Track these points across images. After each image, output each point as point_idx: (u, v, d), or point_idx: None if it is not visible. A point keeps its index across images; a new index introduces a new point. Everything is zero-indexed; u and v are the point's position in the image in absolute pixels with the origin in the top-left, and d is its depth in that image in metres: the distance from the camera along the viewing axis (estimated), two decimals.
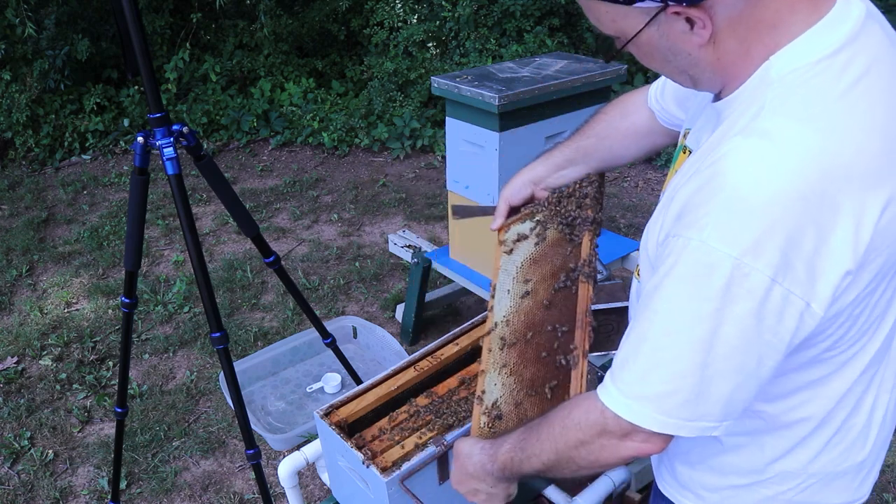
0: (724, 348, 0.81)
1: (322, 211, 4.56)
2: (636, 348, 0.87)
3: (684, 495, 1.13)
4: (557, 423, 0.99)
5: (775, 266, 0.76)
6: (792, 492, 1.05)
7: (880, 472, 2.47)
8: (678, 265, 0.81)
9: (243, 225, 1.95)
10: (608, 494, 1.77)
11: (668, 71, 0.94)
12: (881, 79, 0.83)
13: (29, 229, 4.35)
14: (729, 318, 0.79)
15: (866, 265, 0.81)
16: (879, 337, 0.95)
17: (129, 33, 1.56)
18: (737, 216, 0.77)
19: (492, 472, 1.10)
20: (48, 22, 5.28)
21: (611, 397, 0.90)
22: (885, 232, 0.80)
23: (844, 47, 0.82)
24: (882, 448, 1.11)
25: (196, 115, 5.54)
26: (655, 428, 0.87)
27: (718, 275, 0.78)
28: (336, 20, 6.27)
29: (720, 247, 0.77)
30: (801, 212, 0.76)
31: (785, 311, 0.79)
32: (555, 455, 0.99)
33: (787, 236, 0.76)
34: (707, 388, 0.83)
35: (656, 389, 0.85)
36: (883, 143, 0.80)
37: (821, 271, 0.78)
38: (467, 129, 2.58)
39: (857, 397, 1.00)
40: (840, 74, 0.81)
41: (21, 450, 2.72)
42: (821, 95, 0.80)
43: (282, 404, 2.86)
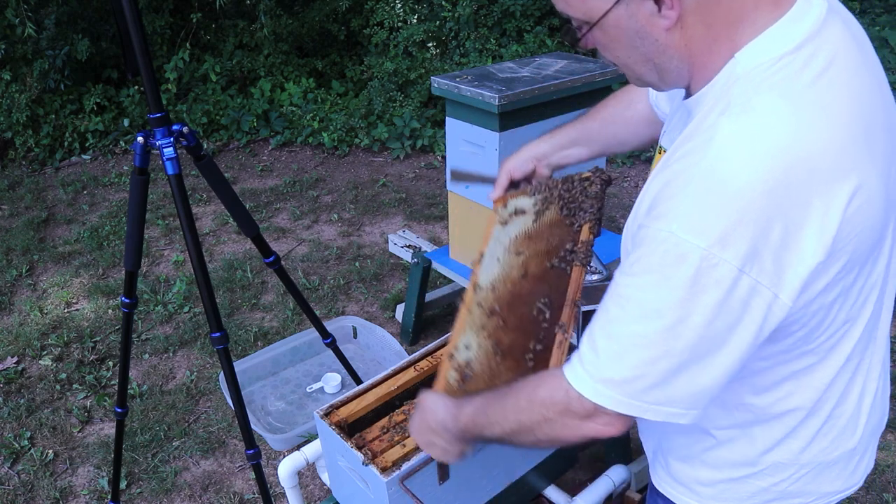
0: (692, 337, 0.82)
1: (322, 211, 4.56)
2: (605, 332, 0.89)
3: (680, 491, 1.14)
4: (524, 397, 1.00)
5: (743, 257, 0.78)
6: (785, 482, 1.06)
7: (880, 472, 2.47)
8: (648, 254, 0.83)
9: (243, 225, 1.95)
10: (608, 494, 1.77)
11: (634, 60, 0.94)
12: (843, 72, 0.85)
13: (29, 229, 4.35)
14: (697, 307, 0.81)
15: (835, 255, 0.83)
16: (860, 325, 0.96)
17: (129, 33, 1.56)
18: (705, 208, 0.79)
19: (452, 430, 1.12)
20: (48, 22, 5.28)
21: (578, 378, 0.91)
22: (852, 221, 0.82)
23: (807, 42, 0.84)
24: (873, 435, 1.12)
25: (196, 115, 5.54)
26: (621, 410, 0.89)
27: (687, 265, 0.79)
28: (336, 20, 6.27)
29: (689, 238, 0.79)
30: (769, 204, 0.78)
31: (752, 302, 0.81)
32: (517, 426, 1.01)
33: (754, 228, 0.78)
34: (674, 375, 0.85)
35: (623, 374, 0.87)
36: (846, 136, 0.82)
37: (788, 262, 0.80)
38: (467, 129, 2.58)
39: (844, 386, 1.01)
40: (803, 69, 0.83)
41: (21, 450, 2.72)
42: (785, 90, 0.82)
43: (282, 404, 2.86)
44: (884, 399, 1.13)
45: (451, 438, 1.14)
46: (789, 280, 0.81)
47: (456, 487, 1.50)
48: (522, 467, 1.67)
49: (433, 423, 1.15)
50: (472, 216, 2.69)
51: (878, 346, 1.04)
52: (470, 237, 2.78)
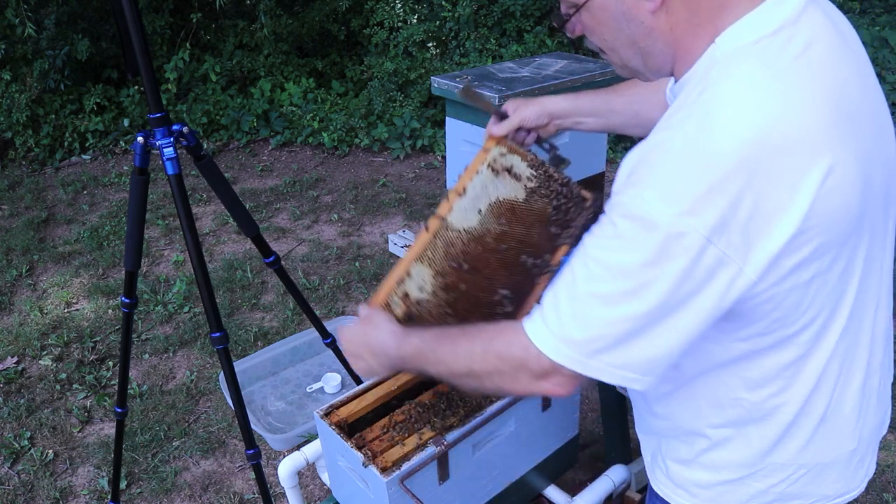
0: (654, 301, 0.84)
1: (322, 211, 4.56)
2: (569, 292, 0.90)
3: (678, 494, 1.14)
4: (479, 344, 1.01)
5: (711, 227, 0.80)
6: (783, 484, 1.05)
7: (881, 472, 2.47)
8: (619, 218, 0.85)
9: (243, 225, 1.95)
10: (608, 494, 1.77)
11: (620, 43, 0.96)
12: (821, 56, 0.87)
13: (29, 229, 4.35)
14: (662, 272, 0.82)
15: (806, 233, 0.84)
16: (842, 316, 0.96)
17: (129, 33, 1.56)
18: (677, 177, 0.81)
19: (390, 355, 1.13)
20: (48, 22, 5.28)
21: (538, 335, 0.92)
22: (825, 200, 0.83)
23: (784, 27, 0.86)
24: (872, 437, 1.11)
25: (196, 115, 5.54)
26: (578, 370, 0.90)
27: (656, 231, 0.81)
28: (336, 20, 6.27)
29: (659, 205, 0.81)
30: (740, 178, 0.80)
31: (718, 273, 0.82)
32: (466, 371, 1.02)
33: (724, 200, 0.79)
34: (633, 338, 0.86)
35: (585, 333, 0.88)
36: (822, 116, 0.84)
37: (757, 237, 0.81)
38: (467, 129, 2.58)
39: (836, 383, 1.01)
40: (780, 50, 0.85)
41: (21, 450, 2.72)
42: (760, 70, 0.84)
43: (282, 404, 2.86)
44: (883, 400, 1.13)
45: (385, 362, 1.14)
46: (756, 255, 0.82)
47: (456, 487, 1.50)
48: (522, 467, 1.67)
49: (374, 342, 1.15)
50: None
51: (875, 345, 1.04)
52: None
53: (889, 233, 1.02)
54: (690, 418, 1.07)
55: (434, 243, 1.32)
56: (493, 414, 1.49)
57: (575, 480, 2.34)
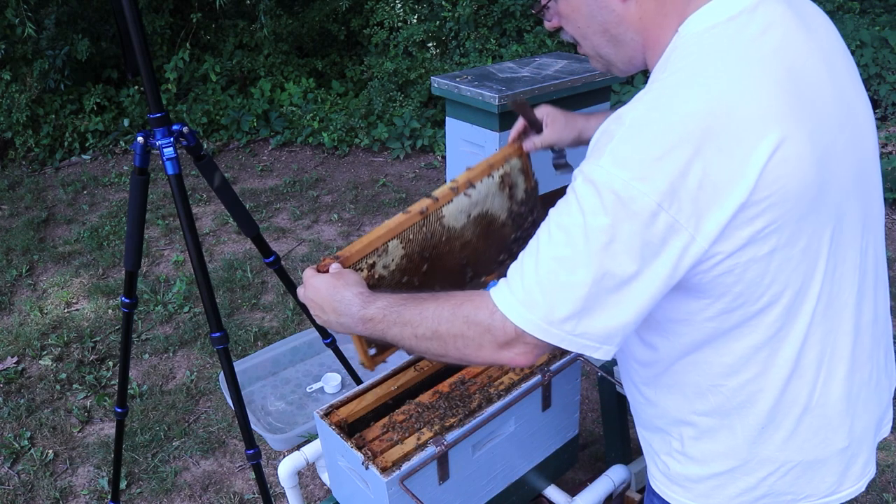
0: (610, 265, 0.88)
1: (322, 211, 4.56)
2: (532, 259, 0.93)
3: (674, 490, 1.15)
4: (447, 307, 1.02)
5: (662, 193, 0.84)
6: (772, 478, 1.06)
7: (881, 472, 2.46)
8: (578, 187, 0.90)
9: (243, 225, 1.95)
10: (608, 494, 1.77)
11: (592, 30, 1.03)
12: (775, 40, 0.92)
13: (29, 229, 4.35)
14: (618, 235, 0.86)
15: (758, 204, 0.87)
16: (810, 296, 0.97)
17: (129, 33, 1.56)
18: (630, 146, 0.87)
19: (354, 315, 1.12)
20: (48, 22, 5.28)
21: (503, 300, 0.95)
22: (776, 172, 0.86)
23: (742, 14, 0.92)
24: (867, 436, 1.11)
25: (196, 115, 5.53)
26: (540, 336, 0.92)
27: (610, 195, 0.86)
28: (336, 20, 6.26)
29: (613, 170, 0.86)
30: (688, 148, 0.84)
31: (670, 239, 0.86)
32: (431, 334, 1.03)
33: (673, 168, 0.84)
34: (592, 303, 0.90)
35: (547, 297, 0.91)
36: (771, 93, 0.88)
37: (706, 205, 0.85)
38: (467, 129, 2.57)
39: (816, 372, 1.01)
40: (734, 35, 0.91)
41: (21, 450, 2.72)
42: (712, 51, 0.91)
43: (282, 404, 2.86)
44: (879, 397, 1.12)
45: (346, 322, 1.14)
46: (707, 223, 0.86)
47: (456, 487, 1.50)
48: (522, 467, 1.67)
49: (340, 298, 1.14)
50: None
51: (860, 336, 1.04)
52: None
53: (871, 223, 1.04)
54: (676, 405, 1.10)
55: (419, 227, 1.32)
56: (493, 414, 1.49)
57: (575, 480, 2.34)
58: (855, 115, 1.00)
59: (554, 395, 1.64)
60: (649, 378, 1.12)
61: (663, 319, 1.02)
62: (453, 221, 1.36)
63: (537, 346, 0.95)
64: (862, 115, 1.02)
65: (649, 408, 1.16)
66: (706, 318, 0.97)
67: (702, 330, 0.99)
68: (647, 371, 1.11)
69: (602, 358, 0.94)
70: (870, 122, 1.04)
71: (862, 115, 1.02)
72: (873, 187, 1.05)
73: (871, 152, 1.03)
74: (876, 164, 1.06)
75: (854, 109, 1.00)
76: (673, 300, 0.97)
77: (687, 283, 0.94)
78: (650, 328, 1.05)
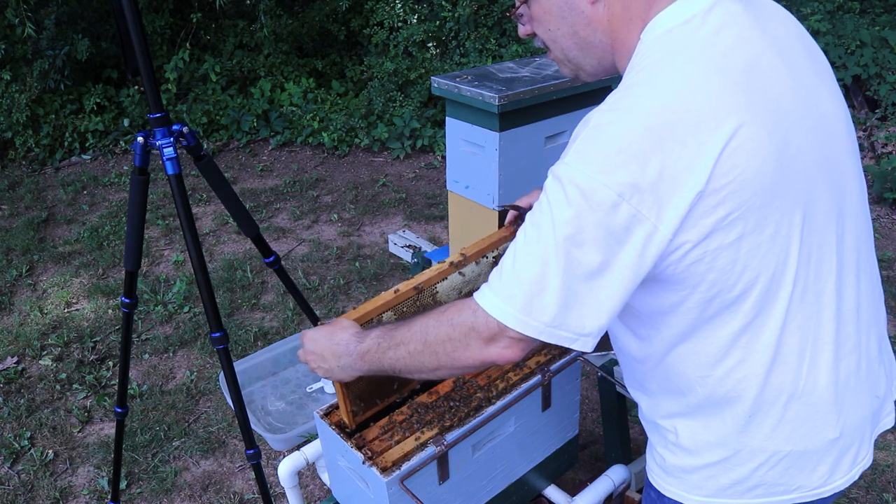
0: (578, 254, 0.92)
1: (322, 211, 4.56)
2: (510, 258, 0.98)
3: (668, 482, 1.18)
4: (432, 318, 1.08)
5: (622, 185, 0.89)
6: (763, 468, 1.08)
7: (881, 472, 2.46)
8: (547, 185, 0.96)
9: (243, 225, 1.95)
10: (608, 494, 1.77)
11: (563, 32, 1.08)
12: (730, 39, 0.97)
13: (29, 229, 4.35)
14: (583, 226, 0.91)
15: (719, 192, 0.91)
16: (785, 281, 0.99)
17: (129, 33, 1.56)
18: (592, 143, 0.93)
19: (351, 353, 1.20)
20: (48, 22, 5.28)
21: (484, 297, 1.00)
22: (733, 159, 0.90)
23: (696, 16, 0.97)
24: (860, 428, 1.12)
25: (196, 115, 5.53)
26: (519, 328, 0.97)
27: (574, 189, 0.91)
28: (336, 20, 6.26)
29: (577, 166, 0.92)
30: (645, 142, 0.89)
31: (633, 229, 0.91)
32: (421, 346, 1.08)
33: (632, 161, 0.89)
34: (565, 294, 0.94)
35: (522, 289, 0.95)
36: (725, 87, 0.93)
37: (667, 195, 0.90)
38: (467, 129, 2.57)
39: (798, 359, 1.03)
40: (689, 36, 0.97)
41: (21, 450, 2.72)
42: (669, 51, 0.96)
43: (282, 404, 2.86)
44: (872, 387, 1.13)
45: (346, 363, 1.21)
46: (669, 213, 0.90)
47: (456, 487, 1.50)
48: (522, 467, 1.67)
49: (337, 341, 1.23)
50: (472, 216, 2.69)
51: (843, 324, 1.06)
52: (470, 237, 2.77)
53: (847, 210, 1.06)
54: (670, 399, 1.13)
55: (413, 301, 1.41)
56: (493, 414, 1.49)
57: (575, 480, 2.35)
58: (819, 105, 1.03)
59: (554, 395, 1.64)
60: (647, 373, 1.15)
61: (650, 312, 1.05)
62: (445, 297, 1.45)
63: (521, 339, 0.99)
64: (828, 105, 1.05)
65: (648, 403, 1.19)
66: (688, 309, 1.01)
67: (685, 320, 1.02)
68: (643, 367, 1.15)
69: (581, 350, 0.98)
70: (839, 112, 1.07)
71: (828, 105, 1.05)
72: (848, 175, 1.07)
73: (841, 141, 1.06)
74: (850, 152, 1.08)
75: (818, 100, 1.03)
76: (654, 293, 1.01)
77: (663, 276, 0.98)
78: (640, 322, 1.09)
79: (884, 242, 4.00)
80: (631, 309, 1.08)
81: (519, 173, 2.52)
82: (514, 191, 2.54)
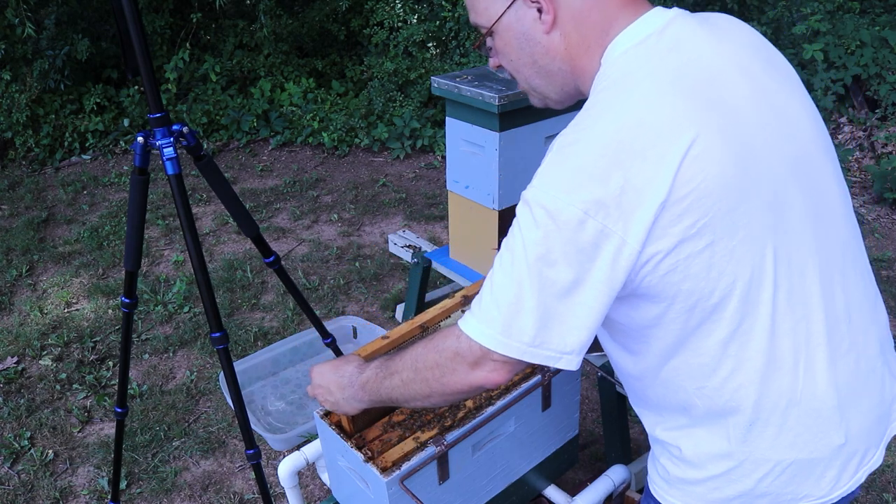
0: (551, 273, 0.94)
1: (322, 211, 4.56)
2: (488, 283, 1.01)
3: (671, 494, 1.16)
4: (421, 346, 1.12)
5: (586, 202, 0.92)
6: (769, 477, 1.07)
7: (881, 472, 2.46)
8: (518, 209, 0.99)
9: (243, 225, 1.95)
10: (608, 494, 1.77)
11: (523, 62, 1.12)
12: (684, 55, 1.00)
13: (29, 229, 4.35)
14: (552, 245, 0.93)
15: (683, 202, 0.93)
16: (765, 284, 0.99)
17: (129, 33, 1.56)
18: (555, 166, 0.96)
19: (354, 384, 1.25)
20: (48, 22, 5.28)
21: (466, 323, 1.03)
22: (693, 169, 0.93)
23: (650, 37, 1.01)
24: (867, 433, 1.11)
25: (196, 115, 5.53)
26: (501, 350, 0.99)
27: (539, 209, 0.94)
28: (336, 20, 6.26)
29: (543, 188, 0.95)
30: (605, 159, 0.92)
31: (602, 244, 0.93)
32: (413, 373, 1.12)
33: (595, 179, 0.92)
34: (543, 314, 0.96)
35: (501, 312, 0.98)
36: (678, 99, 0.96)
37: (631, 209, 0.92)
38: (467, 129, 2.57)
39: (793, 363, 1.02)
40: (644, 56, 1.00)
41: (21, 450, 2.72)
42: (625, 71, 1.00)
43: (282, 404, 2.86)
44: (880, 389, 1.12)
45: (350, 394, 1.26)
46: (635, 225, 0.92)
47: (456, 487, 1.50)
48: (522, 467, 1.67)
49: (342, 373, 1.29)
50: (472, 216, 2.69)
51: (835, 325, 1.05)
52: (470, 237, 2.78)
53: (825, 211, 1.06)
54: (671, 413, 1.12)
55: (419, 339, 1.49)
56: (493, 414, 1.49)
57: (575, 480, 2.35)
58: (783, 110, 1.05)
59: (554, 395, 1.64)
60: (646, 390, 1.15)
61: (637, 326, 1.06)
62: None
63: (505, 361, 1.00)
64: (794, 110, 1.07)
65: (652, 419, 1.19)
66: (671, 320, 1.02)
67: (671, 331, 1.03)
68: (642, 384, 1.15)
69: (566, 368, 0.99)
70: (806, 115, 1.09)
71: (794, 110, 1.07)
72: (824, 176, 1.08)
73: (812, 144, 1.07)
74: (824, 154, 1.09)
75: (781, 106, 1.05)
76: (636, 307, 1.03)
77: (640, 289, 0.99)
78: (630, 337, 1.09)
79: (884, 242, 4.01)
80: (619, 325, 1.09)
81: (519, 173, 2.52)
82: (514, 191, 2.54)
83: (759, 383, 1.03)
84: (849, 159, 4.76)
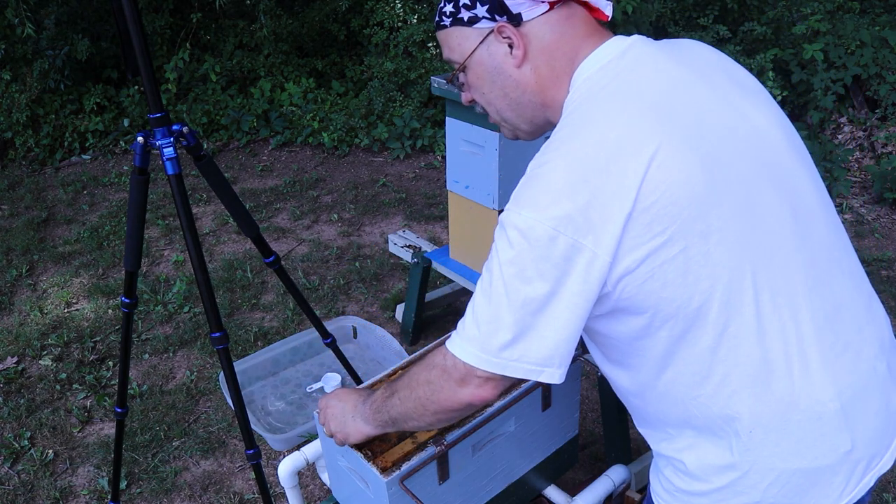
0: (527, 290, 0.98)
1: (322, 211, 4.56)
2: (471, 305, 1.05)
3: None
4: (415, 365, 1.18)
5: (556, 219, 0.95)
6: (774, 487, 1.05)
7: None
8: (495, 233, 1.03)
9: (243, 225, 1.95)
10: (608, 494, 1.77)
11: (495, 95, 1.16)
12: (643, 73, 1.05)
13: (29, 229, 4.35)
14: (525, 265, 0.97)
15: (650, 211, 0.96)
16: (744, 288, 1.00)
17: (129, 33, 1.56)
18: (526, 188, 1.00)
19: (364, 411, 1.30)
20: (48, 22, 5.28)
21: (451, 341, 1.07)
22: (656, 180, 0.96)
23: (611, 62, 1.06)
24: (874, 438, 1.09)
25: (196, 115, 5.53)
26: (484, 367, 1.02)
27: (512, 230, 0.98)
28: (336, 20, 6.26)
29: (514, 210, 0.99)
30: (571, 178, 0.97)
31: (574, 258, 0.96)
32: (408, 391, 1.16)
33: (562, 196, 0.96)
34: (522, 329, 0.99)
35: (481, 329, 1.01)
36: (639, 115, 0.99)
37: (600, 222, 0.95)
38: (467, 129, 2.57)
39: (785, 367, 1.02)
40: (606, 78, 1.05)
41: (21, 450, 2.72)
42: (588, 95, 1.05)
43: (282, 404, 2.86)
44: (883, 391, 1.10)
45: (359, 419, 1.31)
46: (605, 238, 0.95)
47: (456, 487, 1.50)
48: (522, 467, 1.67)
49: (351, 403, 1.35)
50: (472, 216, 2.69)
51: (823, 327, 1.04)
52: (470, 237, 2.78)
53: (804, 211, 1.07)
54: (673, 427, 1.12)
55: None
56: (492, 414, 1.49)
57: (575, 480, 2.35)
58: (750, 118, 1.08)
59: (554, 395, 1.64)
60: (647, 407, 1.15)
61: (626, 339, 1.08)
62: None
63: (489, 378, 1.03)
64: (760, 117, 1.09)
65: (655, 436, 1.19)
66: (656, 328, 1.03)
67: (660, 341, 1.05)
68: (642, 402, 1.16)
69: (549, 381, 1.02)
70: (775, 122, 1.11)
71: (760, 117, 1.09)
72: (799, 178, 1.09)
73: (783, 148, 1.09)
74: (797, 157, 1.11)
75: (747, 114, 1.08)
76: (622, 320, 1.05)
77: (622, 301, 1.01)
78: (622, 352, 1.11)
79: (884, 242, 4.00)
80: (611, 341, 1.10)
81: (519, 173, 2.51)
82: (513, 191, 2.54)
83: (753, 388, 1.02)
84: (849, 159, 4.76)
